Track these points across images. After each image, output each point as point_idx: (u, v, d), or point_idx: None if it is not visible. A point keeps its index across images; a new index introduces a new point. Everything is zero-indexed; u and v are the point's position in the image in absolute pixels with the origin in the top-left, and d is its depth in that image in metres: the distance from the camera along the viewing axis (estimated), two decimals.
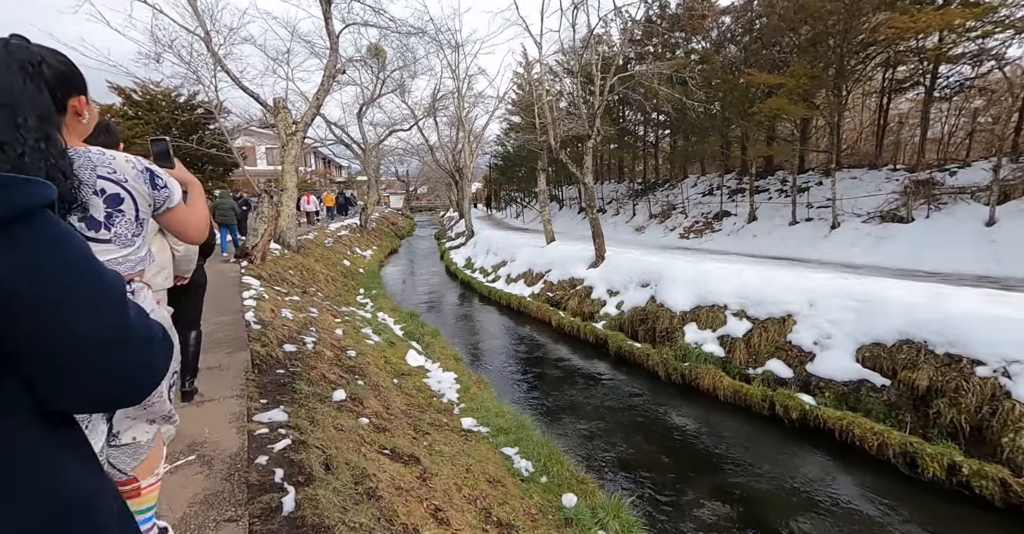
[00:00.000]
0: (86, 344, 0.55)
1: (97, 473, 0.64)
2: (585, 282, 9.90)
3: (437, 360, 6.95)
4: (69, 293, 0.54)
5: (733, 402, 5.47)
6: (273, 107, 12.04)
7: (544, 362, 7.73)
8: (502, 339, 9.15)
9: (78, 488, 0.59)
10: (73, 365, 0.55)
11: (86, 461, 0.62)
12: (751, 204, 11.21)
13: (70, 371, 0.55)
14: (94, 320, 0.55)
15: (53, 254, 0.53)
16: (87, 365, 0.55)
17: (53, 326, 0.52)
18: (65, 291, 0.53)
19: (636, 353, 7.06)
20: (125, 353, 0.58)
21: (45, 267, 0.52)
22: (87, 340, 0.55)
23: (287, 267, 10.92)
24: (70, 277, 0.54)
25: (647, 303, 7.80)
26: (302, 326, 6.32)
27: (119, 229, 1.16)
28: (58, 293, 0.53)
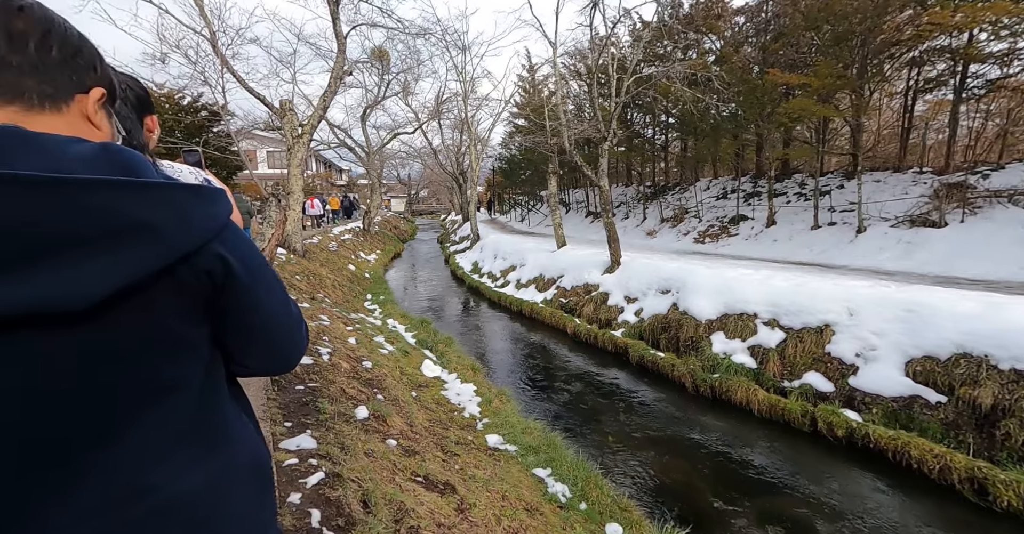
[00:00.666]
0: (282, 321, 0.71)
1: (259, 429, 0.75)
2: (601, 288, 9.65)
3: (454, 371, 6.69)
4: (268, 280, 0.68)
5: (769, 417, 5.21)
6: (279, 109, 11.84)
7: (562, 371, 7.47)
8: (516, 347, 8.89)
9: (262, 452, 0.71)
10: (273, 337, 0.71)
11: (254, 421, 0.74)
12: (770, 208, 10.97)
13: (268, 341, 0.71)
14: (283, 303, 0.71)
15: (249, 250, 0.65)
16: (280, 337, 0.72)
17: (263, 307, 0.67)
18: (266, 279, 0.67)
19: (660, 363, 6.80)
20: (299, 329, 0.75)
21: (247, 256, 0.63)
22: (283, 318, 0.71)
23: (294, 272, 10.69)
24: (263, 268, 0.67)
25: (669, 311, 7.55)
26: (315, 335, 6.07)
27: None
28: (263, 281, 0.66)
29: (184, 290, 0.57)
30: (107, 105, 0.67)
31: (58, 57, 0.59)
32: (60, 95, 0.60)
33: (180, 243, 0.54)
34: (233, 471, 0.65)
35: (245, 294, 0.64)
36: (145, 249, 0.51)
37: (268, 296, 0.69)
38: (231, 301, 0.63)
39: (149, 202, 0.52)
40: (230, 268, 0.60)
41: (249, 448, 0.68)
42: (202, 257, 0.57)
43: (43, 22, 0.57)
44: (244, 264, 0.63)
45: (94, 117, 0.64)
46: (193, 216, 0.56)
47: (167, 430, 0.58)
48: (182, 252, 0.55)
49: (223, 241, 0.60)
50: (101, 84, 0.65)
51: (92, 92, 0.63)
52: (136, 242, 0.51)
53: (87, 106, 0.63)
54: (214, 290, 0.60)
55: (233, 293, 0.62)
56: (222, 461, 0.63)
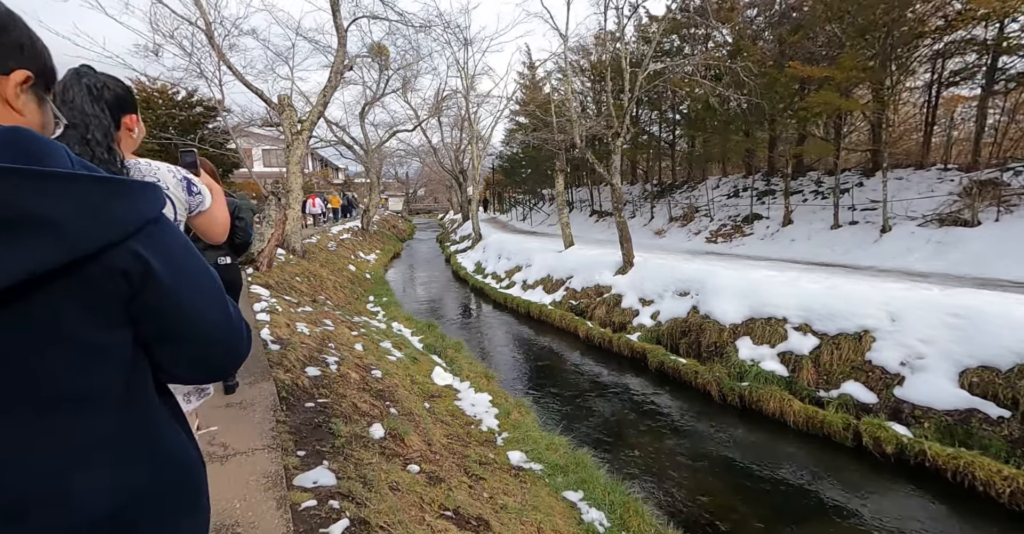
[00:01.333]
0: (216, 328, 0.66)
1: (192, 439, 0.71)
2: (613, 290, 9.33)
3: (466, 378, 6.36)
4: (197, 280, 0.64)
5: (805, 429, 4.90)
6: (278, 105, 11.46)
7: (577, 378, 7.15)
8: (527, 351, 8.56)
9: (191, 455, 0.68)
10: (204, 345, 0.66)
11: (186, 428, 0.71)
12: (786, 207, 10.65)
13: (195, 347, 0.66)
14: (215, 305, 0.66)
15: (178, 245, 0.62)
16: (212, 345, 0.67)
17: (184, 307, 0.62)
18: (199, 282, 0.64)
19: (682, 370, 6.49)
20: (237, 337, 0.71)
21: (176, 256, 0.61)
22: (218, 325, 0.66)
23: (294, 274, 10.33)
24: (194, 267, 0.64)
25: (688, 314, 7.24)
26: (321, 342, 5.73)
27: None
28: (193, 284, 0.63)
29: (92, 291, 0.53)
30: (36, 90, 0.62)
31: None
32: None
33: (85, 240, 0.51)
34: (160, 480, 0.62)
35: (169, 298, 0.60)
36: (41, 244, 0.48)
37: (199, 300, 0.64)
38: (153, 305, 0.59)
39: (48, 193, 0.48)
40: (150, 269, 0.57)
41: (177, 457, 0.66)
42: (116, 256, 0.54)
43: None
44: (169, 265, 0.59)
45: (14, 101, 0.60)
46: (103, 211, 0.52)
47: (83, 439, 0.55)
48: (88, 250, 0.51)
49: (144, 239, 0.57)
50: (28, 66, 0.61)
51: (13, 74, 0.60)
52: (30, 235, 0.47)
53: (6, 89, 0.59)
54: (132, 292, 0.57)
55: (155, 296, 0.59)
56: (147, 470, 0.61)
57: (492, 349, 8.68)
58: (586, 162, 24.58)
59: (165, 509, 0.62)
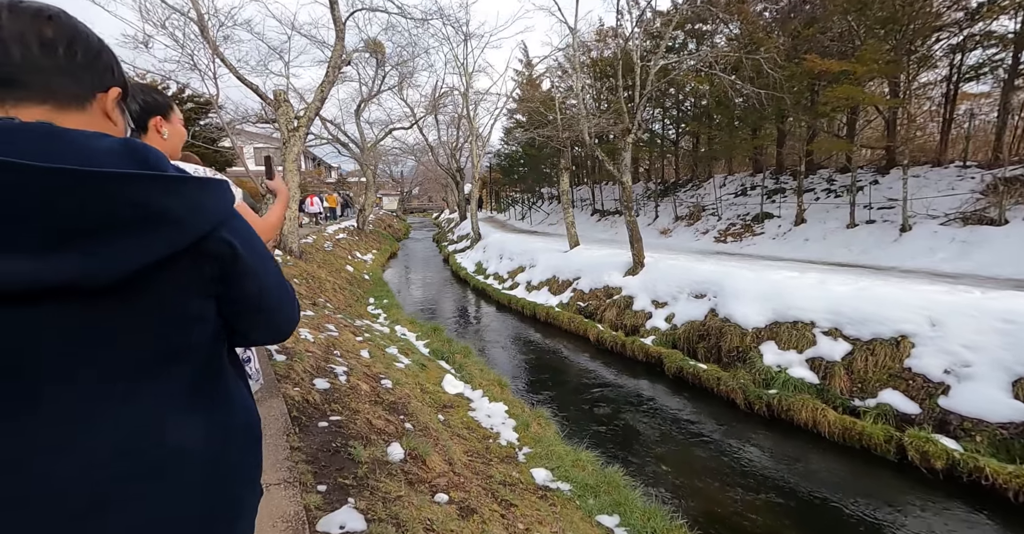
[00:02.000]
0: (280, 298, 0.78)
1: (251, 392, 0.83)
2: (624, 291, 9.06)
3: (479, 386, 6.05)
4: (267, 263, 0.75)
5: (841, 440, 4.65)
6: (274, 100, 11.07)
7: (592, 384, 6.87)
8: (537, 356, 8.27)
9: (254, 416, 0.78)
10: (272, 312, 0.78)
11: (247, 384, 0.82)
12: (799, 205, 10.41)
13: (266, 316, 0.78)
14: (280, 283, 0.78)
15: (251, 235, 0.72)
16: (278, 312, 0.79)
17: (263, 285, 0.74)
18: (266, 261, 0.75)
19: (703, 376, 6.22)
20: (294, 304, 0.84)
21: (249, 239, 0.70)
22: (281, 295, 0.78)
23: (292, 275, 9.97)
24: (263, 252, 0.75)
25: (706, 317, 6.98)
26: (326, 350, 5.40)
27: None
28: (263, 263, 0.74)
29: (195, 270, 0.63)
30: (121, 103, 0.73)
31: (83, 60, 0.66)
32: (84, 94, 0.67)
33: (194, 229, 0.60)
34: (230, 429, 0.72)
35: (248, 274, 0.70)
36: (164, 234, 0.58)
37: (268, 276, 0.75)
38: (236, 280, 0.69)
39: (169, 193, 0.58)
40: (236, 251, 0.66)
41: (244, 410, 0.76)
42: (212, 242, 0.63)
43: (69, 29, 0.65)
44: (247, 248, 0.69)
45: (112, 113, 0.72)
46: (204, 205, 0.62)
47: (178, 390, 0.65)
48: (195, 237, 0.61)
49: (229, 227, 0.66)
50: (118, 84, 0.72)
51: (111, 91, 0.70)
52: (157, 228, 0.57)
53: (107, 103, 0.70)
54: (221, 271, 0.66)
55: (238, 273, 0.68)
56: (223, 420, 0.71)
57: (500, 354, 8.38)
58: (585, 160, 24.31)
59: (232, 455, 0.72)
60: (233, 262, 0.66)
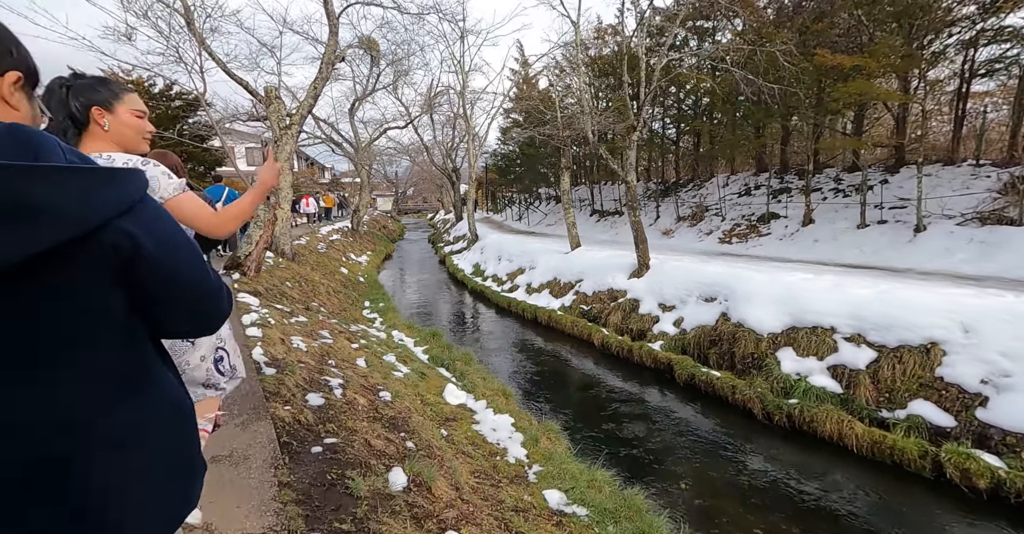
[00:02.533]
0: (198, 291, 0.78)
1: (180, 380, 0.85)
2: (629, 294, 8.78)
3: (482, 397, 5.74)
4: (184, 255, 0.74)
5: (870, 455, 4.38)
6: (264, 97, 10.71)
7: (600, 392, 6.57)
8: (540, 362, 7.96)
9: (180, 393, 0.81)
10: (186, 303, 0.77)
11: (176, 372, 0.85)
12: (807, 205, 10.16)
13: (182, 308, 0.77)
14: (196, 270, 0.77)
15: (163, 221, 0.71)
16: (193, 303, 0.78)
17: (174, 277, 0.73)
18: (182, 253, 0.74)
19: (716, 384, 5.94)
20: (216, 298, 0.82)
21: (161, 231, 0.70)
22: (195, 285, 0.77)
23: (284, 278, 9.62)
24: (176, 238, 0.73)
25: (718, 322, 6.70)
26: (320, 359, 5.08)
27: None
28: (178, 255, 0.73)
29: (90, 261, 0.62)
30: (25, 88, 0.71)
31: None
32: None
33: (82, 219, 0.59)
34: (156, 410, 0.74)
35: (157, 266, 0.69)
36: (46, 225, 0.56)
37: (183, 268, 0.74)
38: (143, 272, 0.67)
39: (50, 183, 0.56)
40: (138, 242, 0.65)
41: (169, 392, 0.78)
42: (109, 232, 0.62)
43: None
44: (156, 239, 0.68)
45: (10, 99, 0.70)
46: (96, 195, 0.60)
47: (91, 376, 0.66)
48: (86, 228, 0.59)
49: (133, 218, 0.65)
50: (17, 67, 0.70)
51: (7, 75, 0.69)
52: (36, 218, 0.55)
53: (2, 88, 0.68)
54: (122, 262, 0.65)
55: (145, 265, 0.67)
56: (146, 402, 0.73)
57: (502, 360, 8.06)
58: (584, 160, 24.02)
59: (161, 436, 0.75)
60: (136, 253, 0.65)
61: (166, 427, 0.75)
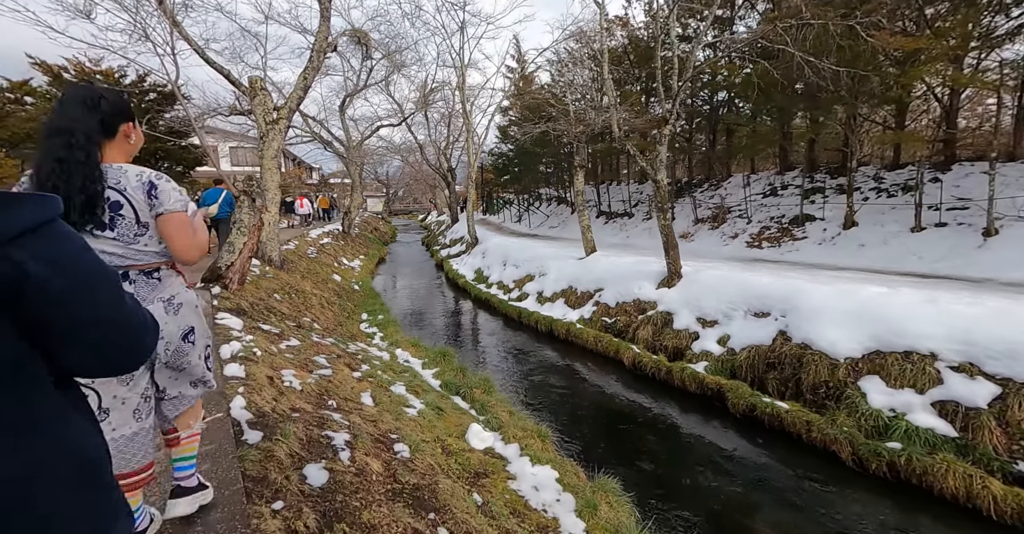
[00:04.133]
0: (96, 323, 0.71)
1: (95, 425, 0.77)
2: (659, 306, 7.90)
3: (512, 438, 4.82)
4: (90, 284, 0.70)
5: (1013, 523, 3.52)
6: (249, 88, 9.67)
7: (645, 426, 5.67)
8: (565, 386, 7.03)
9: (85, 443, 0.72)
10: (85, 339, 0.71)
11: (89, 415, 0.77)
12: (848, 206, 9.33)
13: (82, 344, 0.71)
14: (101, 303, 0.72)
15: (68, 250, 0.68)
16: (96, 339, 0.72)
17: (72, 307, 0.67)
18: (87, 283, 0.69)
19: (785, 418, 5.06)
20: (133, 334, 0.76)
21: (64, 261, 0.66)
22: (96, 320, 0.71)
23: (272, 290, 8.58)
24: (83, 267, 0.69)
25: (775, 341, 5.84)
26: (318, 401, 4.11)
27: (120, 230, 1.47)
28: (75, 281, 0.68)
29: None
30: None
31: None
32: None
33: None
34: (49, 465, 0.65)
35: (53, 297, 0.65)
36: None
37: (87, 297, 0.69)
38: (35, 304, 0.63)
39: None
40: (24, 271, 0.61)
41: (71, 444, 0.69)
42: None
43: None
44: (51, 266, 0.64)
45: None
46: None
47: None
48: None
49: (22, 245, 0.62)
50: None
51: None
52: None
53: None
54: (9, 292, 0.61)
55: (37, 296, 0.63)
56: (33, 455, 0.63)
57: (522, 383, 7.11)
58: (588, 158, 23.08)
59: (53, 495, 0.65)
60: (21, 282, 0.62)
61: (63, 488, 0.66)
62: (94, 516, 0.68)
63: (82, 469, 0.68)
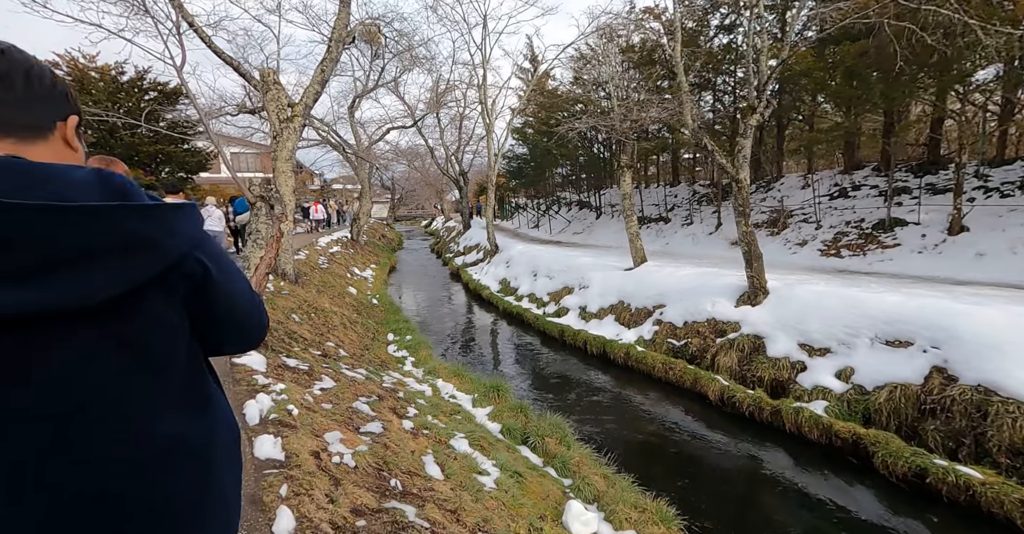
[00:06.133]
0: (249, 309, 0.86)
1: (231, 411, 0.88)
2: (744, 328, 6.76)
3: (625, 523, 3.66)
4: (236, 278, 0.82)
5: None
6: (261, 81, 8.60)
7: (766, 489, 4.51)
8: (646, 429, 5.87)
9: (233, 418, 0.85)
10: (242, 322, 0.86)
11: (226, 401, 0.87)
12: (956, 208, 8.13)
13: (242, 328, 0.87)
14: (248, 295, 0.86)
15: (220, 253, 0.78)
16: (247, 322, 0.88)
17: (233, 300, 0.81)
18: (234, 276, 0.82)
19: (981, 492, 3.88)
20: (261, 313, 0.92)
21: (218, 258, 0.77)
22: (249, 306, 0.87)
23: (289, 309, 7.49)
24: (231, 266, 0.82)
25: (928, 379, 4.70)
26: (379, 485, 3.06)
27: None
28: (232, 278, 0.81)
29: (172, 288, 0.70)
30: (78, 127, 0.79)
31: (40, 91, 0.71)
32: (45, 125, 0.72)
33: (173, 251, 0.67)
34: (218, 427, 0.79)
35: (219, 289, 0.77)
36: (147, 257, 0.64)
37: (237, 289, 0.82)
38: (208, 295, 0.75)
39: (146, 220, 0.64)
40: (207, 270, 0.73)
41: (226, 412, 0.83)
42: (188, 262, 0.70)
43: (23, 62, 0.69)
44: (218, 265, 0.76)
45: (72, 141, 0.76)
46: (179, 229, 0.69)
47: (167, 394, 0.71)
48: (175, 259, 0.68)
49: (201, 247, 0.73)
50: (75, 111, 0.77)
51: (70, 119, 0.76)
52: (139, 252, 0.63)
53: (67, 132, 0.75)
54: (194, 287, 0.73)
55: (210, 289, 0.75)
56: (211, 418, 0.78)
57: (594, 427, 5.94)
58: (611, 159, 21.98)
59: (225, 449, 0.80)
60: (205, 280, 0.73)
61: (228, 445, 0.81)
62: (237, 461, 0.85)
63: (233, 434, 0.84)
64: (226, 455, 0.79)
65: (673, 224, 15.03)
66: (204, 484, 0.73)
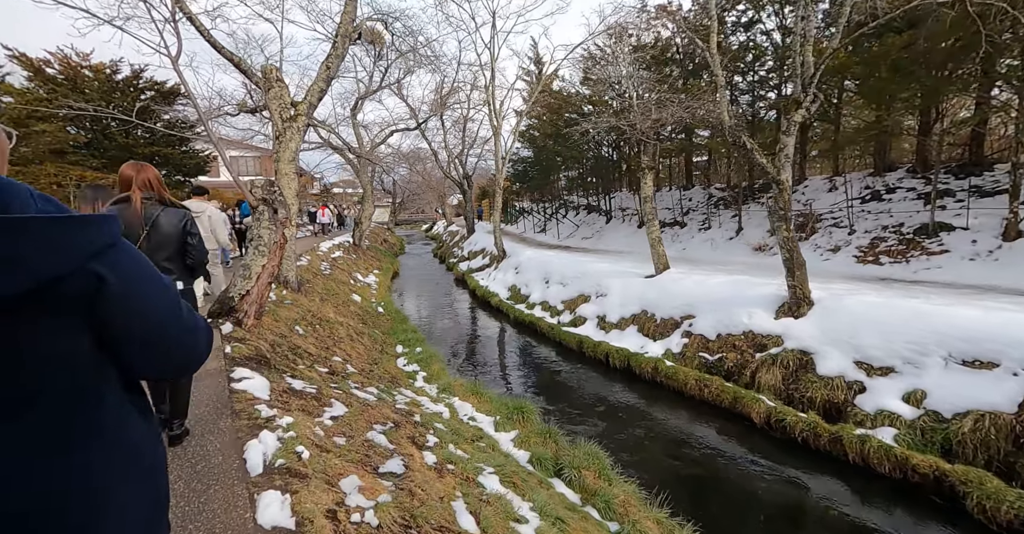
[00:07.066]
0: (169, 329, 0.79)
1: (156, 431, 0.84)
2: (787, 342, 6.21)
3: None
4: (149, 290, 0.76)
5: None
6: (263, 79, 8.11)
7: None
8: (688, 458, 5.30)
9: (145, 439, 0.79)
10: (156, 345, 0.78)
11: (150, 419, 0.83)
12: (1013, 211, 7.51)
13: (154, 349, 0.79)
14: (170, 312, 0.79)
15: (134, 266, 0.74)
16: (165, 345, 0.80)
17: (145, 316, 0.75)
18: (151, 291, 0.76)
19: None
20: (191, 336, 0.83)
21: (130, 273, 0.72)
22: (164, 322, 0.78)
23: (292, 320, 6.94)
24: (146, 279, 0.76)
25: None
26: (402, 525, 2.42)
27: None
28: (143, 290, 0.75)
29: (62, 305, 0.64)
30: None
31: None
32: None
33: (47, 269, 0.61)
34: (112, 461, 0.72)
35: (120, 305, 0.70)
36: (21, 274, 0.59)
37: (151, 305, 0.76)
38: (112, 312, 0.70)
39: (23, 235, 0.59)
40: (105, 283, 0.68)
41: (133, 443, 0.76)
42: (77, 276, 0.65)
43: None
44: (124, 279, 0.70)
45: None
46: (64, 244, 0.63)
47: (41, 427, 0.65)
48: (50, 276, 0.61)
49: (102, 259, 0.68)
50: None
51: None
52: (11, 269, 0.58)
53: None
54: (92, 303, 0.67)
55: (113, 305, 0.69)
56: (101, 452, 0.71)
57: (631, 455, 5.36)
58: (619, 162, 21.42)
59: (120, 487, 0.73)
60: (101, 294, 0.67)
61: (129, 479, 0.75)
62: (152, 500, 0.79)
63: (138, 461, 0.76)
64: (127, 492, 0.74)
65: (690, 228, 14.48)
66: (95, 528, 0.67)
